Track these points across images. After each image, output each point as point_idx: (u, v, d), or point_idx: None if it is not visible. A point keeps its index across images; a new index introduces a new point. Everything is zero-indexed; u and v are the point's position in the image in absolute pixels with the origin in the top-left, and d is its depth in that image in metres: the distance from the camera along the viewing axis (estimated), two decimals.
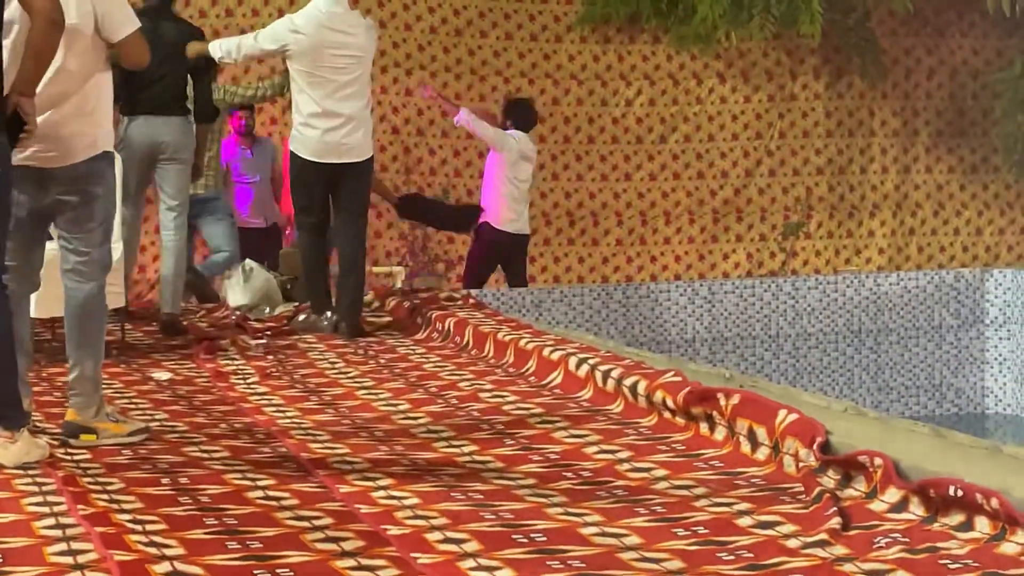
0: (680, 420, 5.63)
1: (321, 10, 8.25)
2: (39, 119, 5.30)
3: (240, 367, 7.36)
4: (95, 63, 5.53)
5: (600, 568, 3.86)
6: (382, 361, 7.52)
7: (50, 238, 5.87)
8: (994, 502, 3.96)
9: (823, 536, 4.08)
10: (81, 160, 5.46)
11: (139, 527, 4.23)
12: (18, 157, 5.35)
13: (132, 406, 6.30)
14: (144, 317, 8.89)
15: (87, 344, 5.53)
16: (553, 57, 13.82)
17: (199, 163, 8.68)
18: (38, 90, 5.25)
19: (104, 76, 5.59)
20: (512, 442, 5.55)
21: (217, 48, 8.38)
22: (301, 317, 8.52)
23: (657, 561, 3.92)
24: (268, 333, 8.27)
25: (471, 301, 8.89)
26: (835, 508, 4.29)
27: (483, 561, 3.91)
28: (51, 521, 4.30)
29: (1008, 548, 3.86)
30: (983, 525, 3.99)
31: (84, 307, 5.52)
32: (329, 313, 8.37)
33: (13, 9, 5.18)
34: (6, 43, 5.26)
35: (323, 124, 8.22)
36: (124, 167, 7.49)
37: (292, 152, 8.36)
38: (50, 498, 4.57)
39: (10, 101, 5.02)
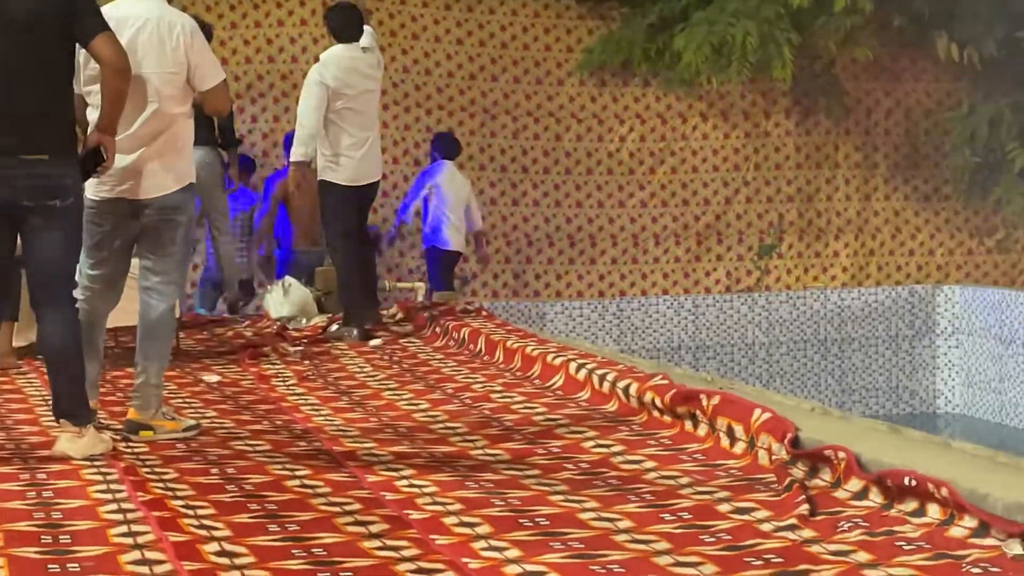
0: (667, 418, 5.62)
1: (343, 55, 8.26)
2: (134, 155, 5.35)
3: (280, 371, 7.36)
4: (184, 105, 5.55)
5: (597, 549, 3.86)
6: (405, 366, 7.51)
7: None
8: (944, 491, 3.96)
9: (793, 521, 4.07)
10: (171, 192, 5.48)
11: (191, 512, 4.23)
12: (116, 190, 5.39)
13: (185, 405, 6.30)
14: (195, 326, 8.90)
15: (154, 355, 5.55)
16: (555, 98, 13.83)
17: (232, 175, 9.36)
18: (134, 129, 5.31)
19: (189, 113, 5.61)
20: (519, 437, 5.55)
21: (299, 153, 8.24)
22: (334, 327, 8.52)
23: (647, 543, 3.92)
24: (305, 341, 8.27)
25: (483, 313, 8.88)
26: (804, 496, 4.28)
27: (493, 543, 3.91)
28: (114, 506, 4.31)
29: (956, 532, 3.85)
30: (934, 511, 3.99)
31: (157, 323, 5.54)
32: (355, 329, 8.35)
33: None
34: (89, 89, 5.29)
35: (358, 153, 8.26)
36: None
37: (329, 182, 8.27)
38: (113, 486, 4.58)
39: (91, 139, 5.05)
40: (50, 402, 5.21)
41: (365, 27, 8.44)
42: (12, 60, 4.88)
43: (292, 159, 8.34)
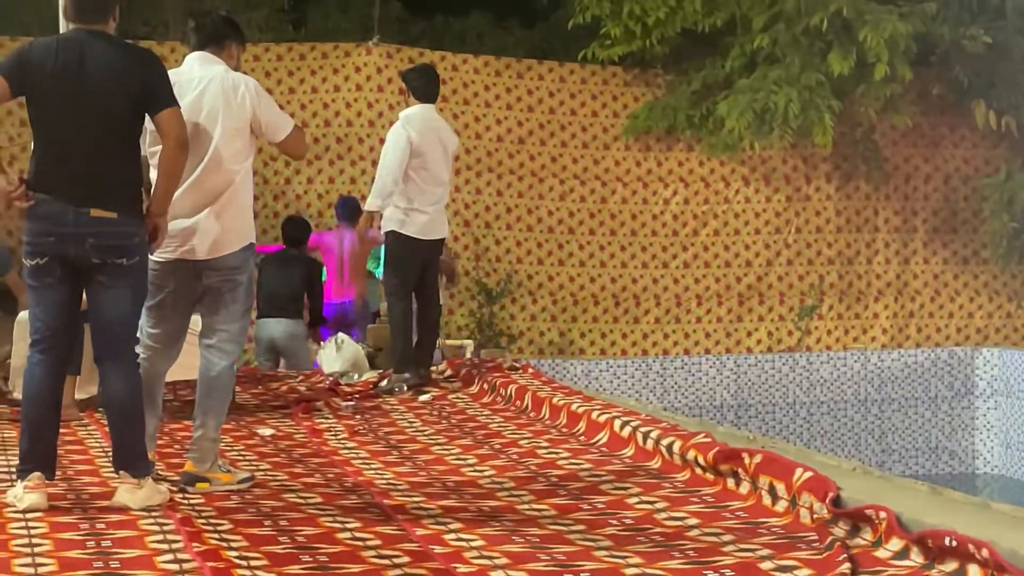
0: (710, 476, 5.58)
1: (424, 115, 8.36)
2: (198, 215, 5.39)
3: (332, 425, 7.36)
4: (245, 162, 5.58)
5: None
6: (453, 421, 7.50)
7: None
8: (984, 552, 3.91)
9: None
10: (232, 251, 5.51)
11: (245, 563, 4.23)
12: (179, 251, 5.43)
13: (240, 458, 6.31)
14: (250, 380, 8.93)
15: (213, 411, 5.55)
16: (601, 162, 13.88)
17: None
18: (197, 184, 5.37)
19: (249, 172, 5.64)
20: (565, 493, 5.52)
21: (375, 204, 8.29)
22: (384, 383, 8.53)
23: None
24: (357, 396, 8.28)
25: (530, 370, 8.87)
26: (845, 555, 4.24)
27: None
28: (170, 556, 4.31)
29: None
30: (975, 572, 3.94)
31: (217, 380, 5.55)
32: (407, 374, 8.39)
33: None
34: (154, 150, 5.33)
35: (431, 209, 8.33)
36: None
37: (398, 232, 8.30)
38: (169, 536, 4.58)
39: (149, 220, 5.09)
40: (110, 454, 5.24)
41: None
42: (90, 124, 4.94)
43: (368, 208, 8.42)
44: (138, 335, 5.29)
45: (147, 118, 5.11)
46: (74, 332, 5.25)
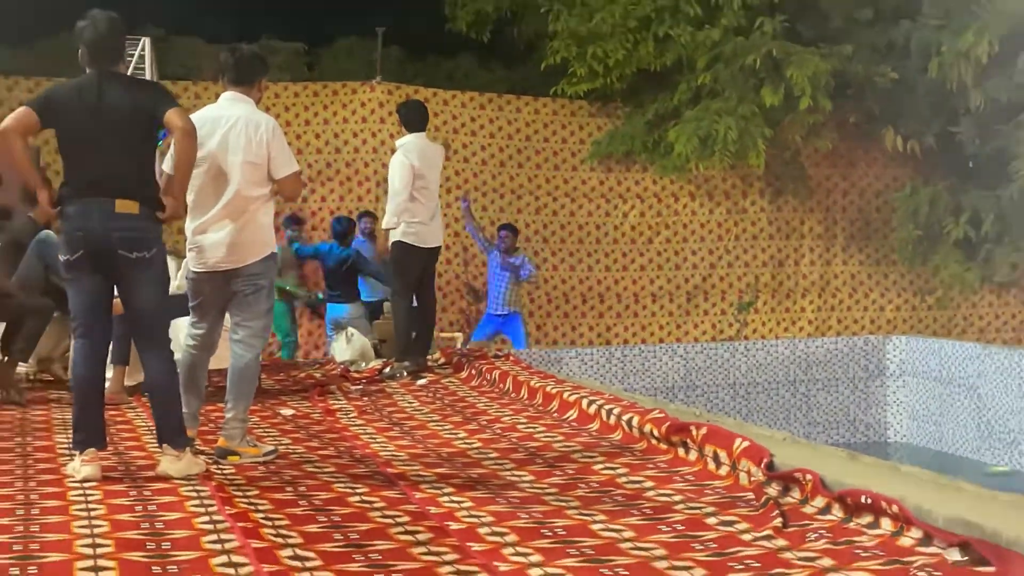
0: (663, 446, 5.60)
1: (419, 143, 8.33)
2: (223, 231, 5.40)
3: (343, 406, 7.35)
4: (263, 190, 5.55)
5: (605, 555, 3.83)
6: (447, 402, 7.50)
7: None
8: (895, 507, 3.93)
9: (769, 532, 4.04)
10: (254, 261, 5.51)
11: (270, 523, 4.23)
12: (210, 263, 5.44)
13: (265, 434, 6.30)
14: (274, 369, 8.91)
15: (242, 395, 5.56)
16: (571, 181, 13.89)
17: None
18: (223, 209, 5.37)
19: (269, 195, 5.60)
20: (541, 461, 5.53)
21: (392, 223, 8.23)
22: (387, 370, 8.52)
23: (647, 550, 3.89)
24: (364, 381, 8.27)
25: (511, 358, 8.87)
26: (777, 511, 4.26)
27: (520, 549, 3.90)
28: (206, 518, 4.31)
29: (905, 541, 3.82)
30: (887, 524, 3.96)
31: (245, 369, 5.56)
32: (407, 362, 8.40)
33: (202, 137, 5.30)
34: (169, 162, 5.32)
35: (429, 221, 8.32)
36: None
37: (403, 242, 8.28)
38: (206, 502, 4.57)
39: (167, 199, 5.06)
40: (154, 432, 5.23)
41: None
42: (109, 144, 4.93)
43: (385, 226, 8.36)
44: (182, 337, 5.29)
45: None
46: (109, 319, 5.19)
